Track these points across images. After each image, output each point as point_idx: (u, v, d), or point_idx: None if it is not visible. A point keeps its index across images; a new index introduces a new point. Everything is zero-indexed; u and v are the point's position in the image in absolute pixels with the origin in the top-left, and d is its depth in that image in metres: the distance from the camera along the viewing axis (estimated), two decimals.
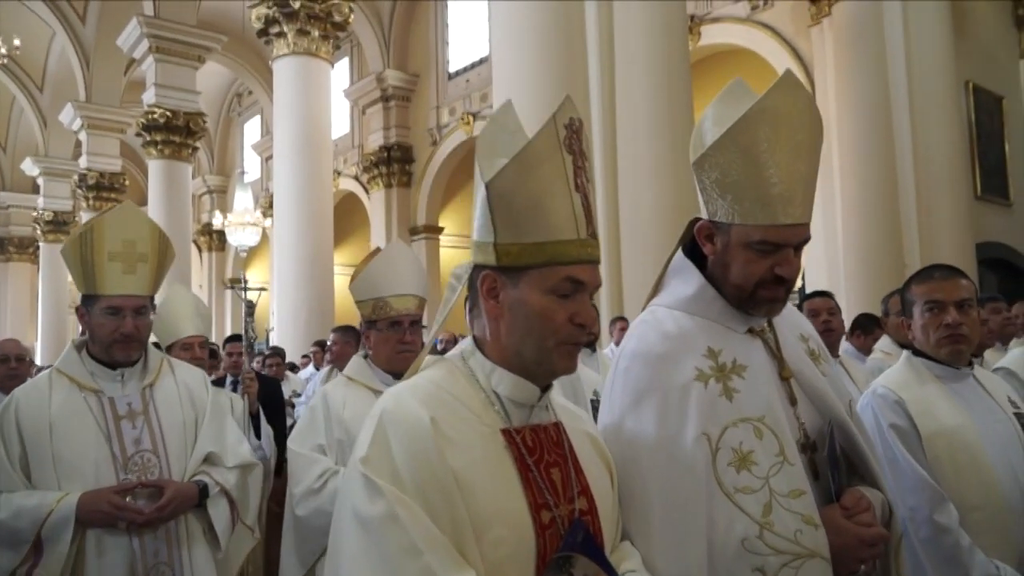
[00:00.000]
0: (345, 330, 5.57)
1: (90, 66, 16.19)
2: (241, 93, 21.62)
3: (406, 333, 2.51)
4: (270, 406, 4.67)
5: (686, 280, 1.57)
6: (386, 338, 2.51)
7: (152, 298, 2.29)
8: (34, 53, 17.22)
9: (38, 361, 12.92)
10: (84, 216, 16.81)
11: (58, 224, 19.46)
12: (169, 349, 3.44)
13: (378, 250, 2.65)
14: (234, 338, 5.60)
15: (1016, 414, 2.14)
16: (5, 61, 14.52)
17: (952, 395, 2.12)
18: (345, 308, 15.84)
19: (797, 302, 10.80)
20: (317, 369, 7.20)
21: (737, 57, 11.36)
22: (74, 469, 2.09)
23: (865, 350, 4.30)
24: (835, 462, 1.48)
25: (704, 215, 1.55)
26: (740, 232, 1.47)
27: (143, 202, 18.18)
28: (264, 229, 17.24)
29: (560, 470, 1.28)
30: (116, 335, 2.18)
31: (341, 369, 5.38)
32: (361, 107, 16.99)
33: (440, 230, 16.31)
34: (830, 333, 3.41)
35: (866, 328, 4.45)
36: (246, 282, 4.06)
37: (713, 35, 10.97)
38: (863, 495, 1.49)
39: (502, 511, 1.20)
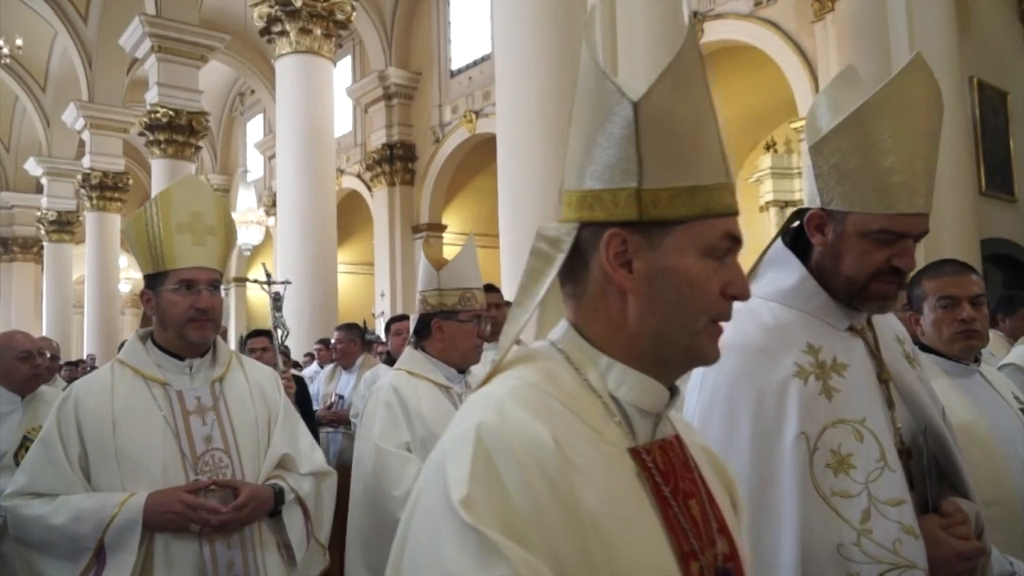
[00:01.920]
0: (349, 328, 5.57)
1: (92, 65, 16.20)
2: (243, 92, 21.63)
3: (484, 328, 2.49)
4: (301, 407, 4.48)
5: (786, 271, 1.51)
6: (467, 331, 2.44)
7: (222, 275, 2.10)
8: (36, 53, 17.23)
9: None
10: (88, 216, 16.83)
11: (62, 224, 19.48)
12: None
13: (469, 241, 2.62)
14: (258, 333, 5.04)
15: (1022, 409, 2.14)
16: (7, 61, 14.54)
17: (961, 391, 2.11)
18: (349, 306, 15.90)
19: None
20: (321, 367, 7.21)
21: (740, 53, 11.35)
22: (140, 468, 1.88)
23: None
24: (930, 470, 1.44)
25: (814, 204, 1.48)
26: (857, 221, 1.41)
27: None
28: (267, 227, 17.27)
29: (697, 502, 0.96)
30: (191, 311, 1.96)
31: (346, 367, 5.40)
32: (363, 105, 16.99)
33: (443, 228, 16.30)
34: None
35: None
36: (270, 276, 4.04)
37: (716, 31, 10.95)
38: (960, 506, 1.45)
39: (646, 565, 0.88)
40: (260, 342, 4.74)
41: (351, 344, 5.35)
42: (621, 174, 0.94)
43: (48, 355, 3.59)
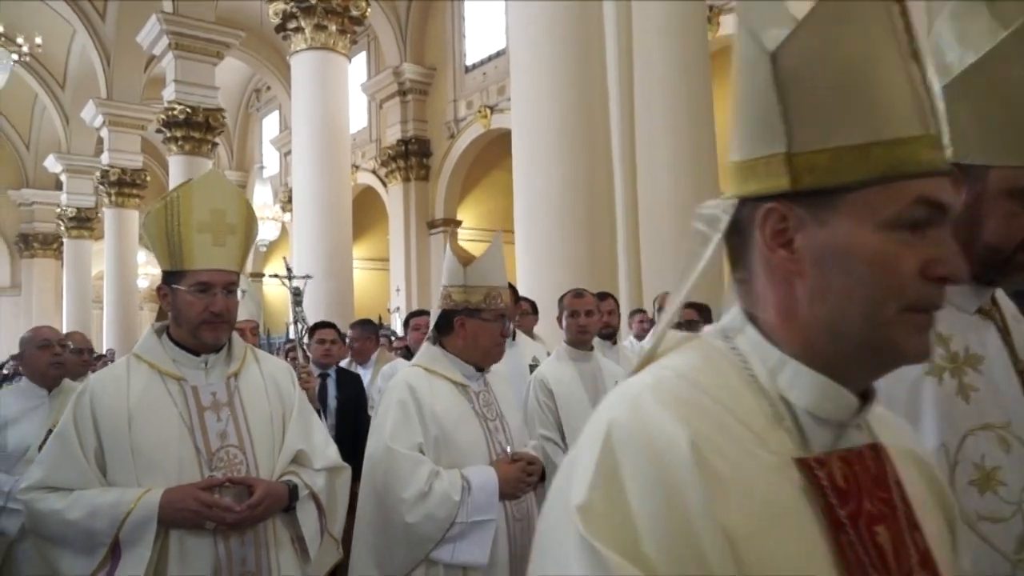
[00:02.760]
0: (364, 325, 5.58)
1: (111, 63, 16.35)
2: (259, 88, 21.73)
3: (507, 328, 2.46)
4: (353, 402, 4.38)
5: None
6: (491, 330, 2.39)
7: (239, 276, 2.07)
8: (55, 51, 17.40)
9: None
10: (107, 212, 17.00)
11: (81, 220, 19.69)
12: None
13: (496, 238, 2.56)
14: (324, 325, 4.85)
15: None
16: (27, 59, 14.68)
17: None
18: (364, 301, 15.96)
19: None
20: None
21: None
22: (155, 464, 1.86)
23: None
24: None
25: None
26: (1003, 177, 1.19)
27: None
28: (283, 223, 17.36)
29: (888, 527, 0.78)
30: (205, 315, 1.94)
31: (361, 363, 5.42)
32: (378, 101, 17.02)
33: (458, 223, 16.32)
34: None
35: None
36: (291, 270, 4.07)
37: (732, 25, 10.87)
38: None
39: None
40: (329, 334, 4.54)
41: (366, 341, 5.36)
42: (768, 138, 0.79)
43: (71, 345, 3.59)
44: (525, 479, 2.30)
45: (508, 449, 2.33)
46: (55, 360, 3.40)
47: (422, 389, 2.30)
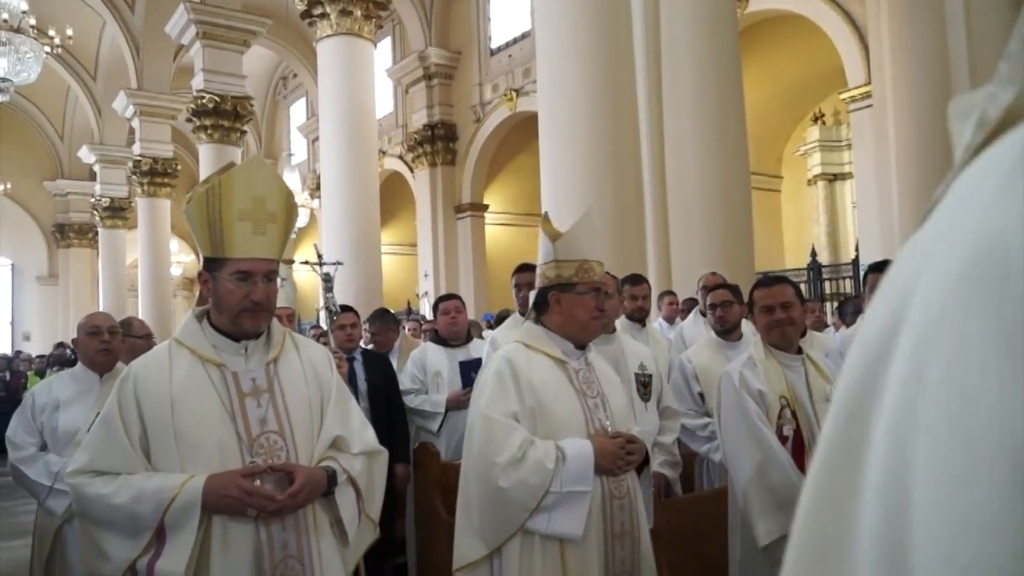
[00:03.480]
0: (382, 317, 5.52)
1: (140, 53, 16.53)
2: (286, 76, 21.85)
3: (603, 300, 2.38)
4: (383, 385, 4.45)
5: None
6: (585, 302, 2.35)
7: (279, 264, 2.09)
8: (86, 43, 17.64)
9: None
10: (140, 202, 17.25)
11: (115, 210, 20.01)
12: None
13: (589, 210, 2.53)
14: (345, 309, 4.84)
15: None
16: (59, 51, 14.89)
17: None
18: (393, 287, 16.05)
19: (849, 274, 10.44)
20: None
21: (787, 23, 11.07)
22: (197, 450, 1.89)
23: None
24: None
25: None
26: None
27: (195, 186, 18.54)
28: (312, 210, 17.50)
29: None
30: (246, 303, 1.96)
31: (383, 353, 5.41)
32: (404, 86, 17.03)
33: (485, 208, 16.32)
34: None
35: None
36: (321, 257, 4.08)
37: (762, 0, 10.68)
38: None
39: None
40: (349, 318, 4.65)
41: (388, 332, 5.38)
42: None
43: (120, 332, 3.63)
44: (624, 456, 2.27)
45: (608, 426, 2.31)
46: (102, 347, 3.47)
47: (520, 361, 2.30)
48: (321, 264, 4.33)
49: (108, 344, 3.49)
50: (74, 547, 3.33)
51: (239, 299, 1.95)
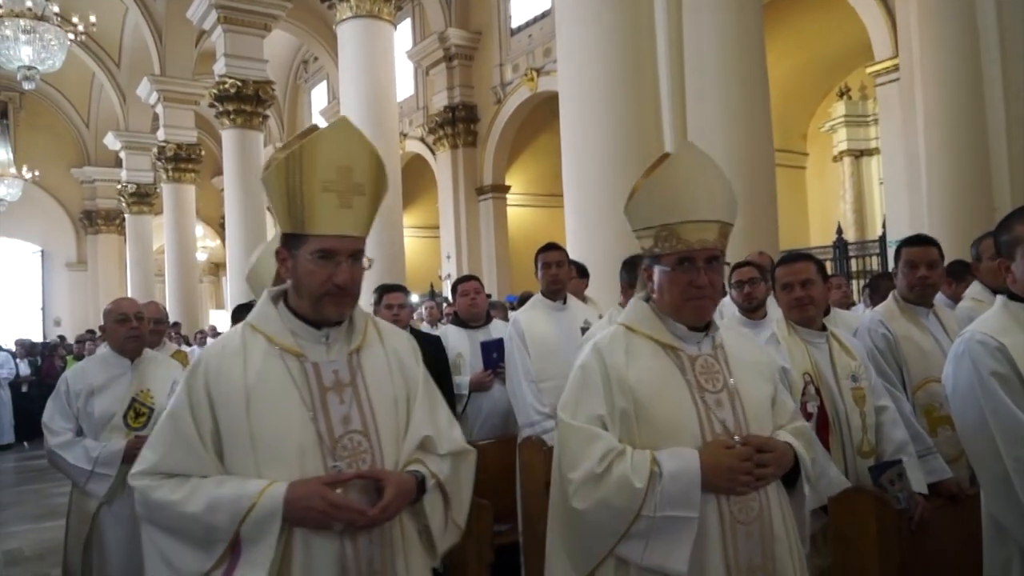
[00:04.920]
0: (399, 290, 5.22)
1: (163, 39, 16.63)
2: (307, 60, 21.88)
3: (700, 273, 1.86)
4: (434, 367, 4.21)
5: None
6: (672, 279, 1.88)
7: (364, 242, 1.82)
8: (110, 29, 17.75)
9: None
10: (165, 188, 17.42)
11: (141, 196, 20.24)
12: None
13: (664, 157, 1.98)
14: (394, 288, 4.57)
15: None
16: (83, 39, 15.01)
17: None
18: (415, 269, 16.08)
19: (877, 251, 10.30)
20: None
21: None
22: (274, 452, 1.67)
23: (955, 298, 4.12)
24: None
25: None
26: None
27: (218, 172, 18.72)
28: None
29: None
30: (328, 286, 1.73)
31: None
32: (424, 68, 16.98)
33: (507, 189, 16.29)
34: (930, 288, 3.22)
35: (958, 275, 4.26)
36: None
37: None
38: None
39: None
40: (397, 297, 4.40)
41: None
42: None
43: (149, 320, 3.71)
44: (747, 468, 1.76)
45: (732, 430, 1.82)
46: (131, 334, 3.51)
47: (613, 351, 1.89)
48: None
49: (137, 330, 3.52)
50: (112, 530, 3.38)
51: (321, 282, 1.72)
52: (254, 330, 1.79)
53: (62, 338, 16.29)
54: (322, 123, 21.31)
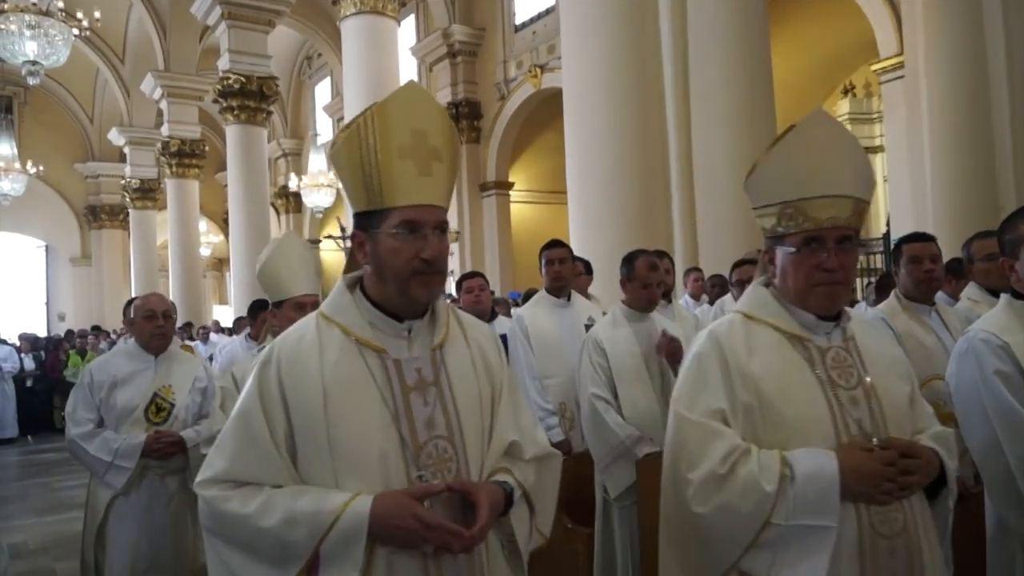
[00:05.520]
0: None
1: (167, 35, 16.64)
2: (311, 56, 21.87)
3: (830, 254, 1.65)
4: None
5: None
6: (797, 261, 1.68)
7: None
8: (114, 25, 17.77)
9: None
10: (168, 183, 17.44)
11: (145, 191, 20.26)
12: (279, 306, 2.91)
13: (791, 128, 1.76)
14: (473, 275, 4.57)
15: None
16: (87, 34, 15.02)
17: None
18: None
19: (881, 249, 10.30)
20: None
21: None
22: (354, 459, 1.50)
23: (955, 296, 4.13)
24: None
25: None
26: None
27: (222, 167, 18.74)
28: (338, 190, 17.56)
29: None
30: (416, 263, 1.53)
31: None
32: (428, 64, 16.97)
33: (510, 185, 16.28)
34: (935, 282, 3.25)
35: (958, 273, 4.26)
36: (344, 230, 4.01)
37: None
38: None
39: None
40: (477, 282, 4.35)
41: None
42: None
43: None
44: (890, 475, 1.56)
45: (870, 432, 1.62)
46: (157, 332, 3.55)
47: (733, 340, 1.71)
48: (345, 239, 4.36)
49: (163, 328, 3.55)
50: (122, 522, 3.44)
51: (407, 258, 1.52)
52: (328, 321, 1.60)
53: (70, 332, 16.32)
54: (326, 119, 21.32)
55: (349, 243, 1.74)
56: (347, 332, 1.57)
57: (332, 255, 18.01)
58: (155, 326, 3.53)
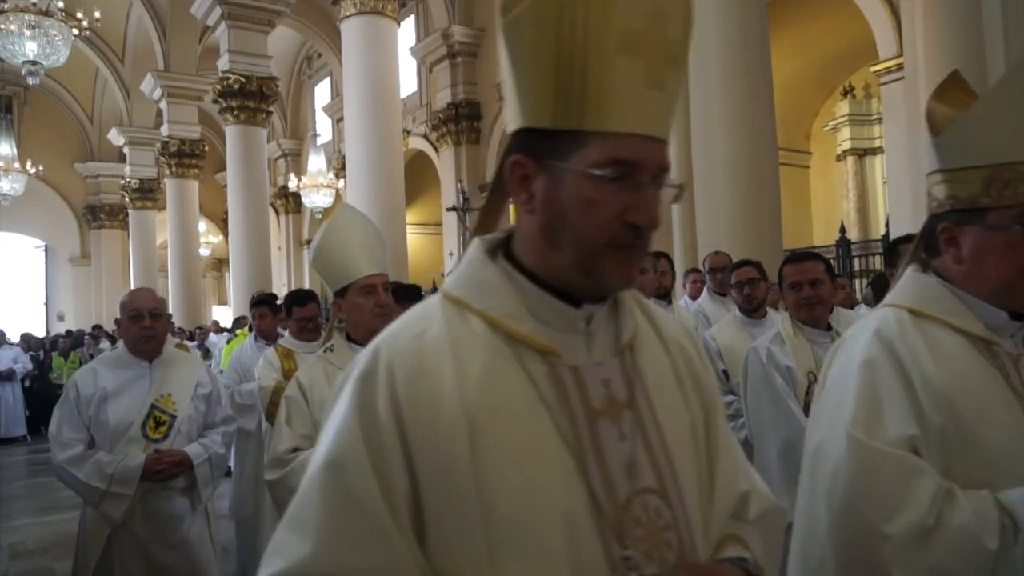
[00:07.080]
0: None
1: (167, 35, 16.64)
2: (311, 56, 21.87)
3: None
4: None
5: None
6: (1010, 243, 1.30)
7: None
8: (114, 25, 17.77)
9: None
10: (168, 183, 17.43)
11: (144, 191, 20.26)
12: (342, 294, 2.46)
13: (955, 75, 1.45)
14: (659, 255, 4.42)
15: None
16: (87, 34, 15.02)
17: None
18: (418, 266, 16.05)
19: (880, 250, 10.30)
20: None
21: None
22: (523, 531, 0.89)
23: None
24: None
25: None
26: None
27: (222, 168, 18.73)
28: (337, 190, 17.59)
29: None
30: (617, 227, 0.95)
31: None
32: (428, 65, 16.98)
33: None
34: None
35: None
36: (467, 198, 3.97)
37: None
38: None
39: None
40: (662, 264, 3.99)
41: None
42: None
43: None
44: None
45: None
46: (144, 334, 3.01)
47: (912, 344, 1.31)
48: (466, 210, 4.32)
49: (151, 330, 3.00)
50: (128, 558, 2.89)
51: (608, 217, 0.94)
52: (460, 307, 0.99)
53: (69, 332, 16.30)
54: (325, 120, 21.31)
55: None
56: (495, 324, 0.96)
57: (418, 239, 18.10)
58: (140, 328, 2.98)
